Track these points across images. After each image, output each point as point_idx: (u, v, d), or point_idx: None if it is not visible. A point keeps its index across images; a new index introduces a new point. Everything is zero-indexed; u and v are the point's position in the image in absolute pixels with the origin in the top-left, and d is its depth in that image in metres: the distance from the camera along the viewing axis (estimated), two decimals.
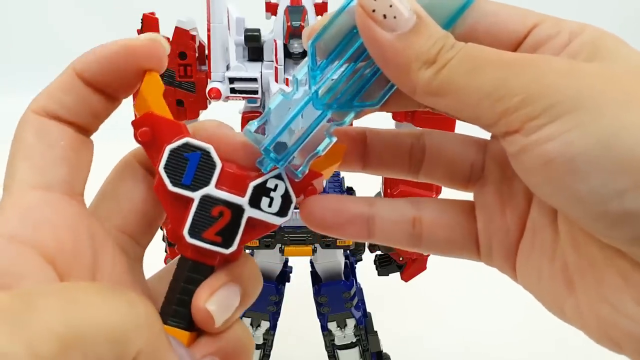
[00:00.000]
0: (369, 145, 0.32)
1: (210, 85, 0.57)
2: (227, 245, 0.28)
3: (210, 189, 0.28)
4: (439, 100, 0.25)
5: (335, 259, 0.66)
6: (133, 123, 0.28)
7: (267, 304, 0.68)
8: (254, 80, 0.57)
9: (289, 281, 0.71)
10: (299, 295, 0.72)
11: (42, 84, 0.30)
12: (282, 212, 0.29)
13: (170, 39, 0.58)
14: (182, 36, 0.57)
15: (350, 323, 0.70)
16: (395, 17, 0.25)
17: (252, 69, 0.57)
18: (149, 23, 0.57)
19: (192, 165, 0.27)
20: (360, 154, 0.32)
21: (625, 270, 0.24)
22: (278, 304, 0.70)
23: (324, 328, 0.71)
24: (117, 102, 0.31)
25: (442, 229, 0.31)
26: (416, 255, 0.65)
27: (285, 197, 0.29)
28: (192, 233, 0.28)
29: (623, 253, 0.24)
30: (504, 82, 0.24)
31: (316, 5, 0.56)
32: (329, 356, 0.73)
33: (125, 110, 0.67)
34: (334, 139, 0.29)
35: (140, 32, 0.57)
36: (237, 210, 0.28)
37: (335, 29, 0.27)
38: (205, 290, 0.28)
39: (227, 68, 0.58)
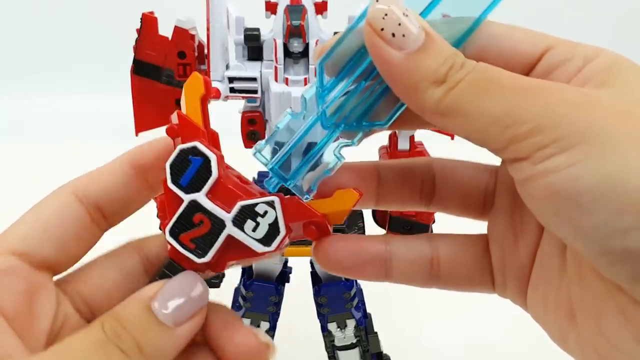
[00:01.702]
0: (381, 179, 0.32)
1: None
2: (199, 254, 0.28)
3: (199, 196, 0.28)
4: (448, 121, 0.25)
5: None
6: (169, 118, 0.29)
7: (267, 305, 0.68)
8: (254, 79, 0.56)
9: (288, 282, 0.71)
10: (298, 296, 0.71)
11: (41, 84, 0.30)
12: (266, 240, 0.28)
13: (170, 39, 0.57)
14: (181, 35, 0.57)
15: (351, 324, 0.70)
16: (404, 36, 0.25)
17: (251, 69, 0.57)
18: (148, 22, 0.57)
19: (192, 169, 0.28)
20: (373, 190, 0.32)
21: (625, 306, 0.24)
22: (278, 304, 0.69)
23: (324, 329, 0.71)
24: (152, 194, 0.32)
25: (460, 267, 0.31)
26: None
27: (273, 227, 0.28)
28: (172, 232, 0.28)
29: (624, 289, 0.23)
30: (514, 108, 0.23)
31: (316, 5, 0.55)
32: (329, 357, 0.73)
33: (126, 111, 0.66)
34: (343, 160, 0.28)
35: (139, 31, 0.57)
36: (218, 223, 0.28)
37: (343, 48, 0.27)
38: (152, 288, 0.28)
39: (227, 67, 0.58)
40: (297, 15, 0.53)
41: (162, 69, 0.57)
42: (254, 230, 0.28)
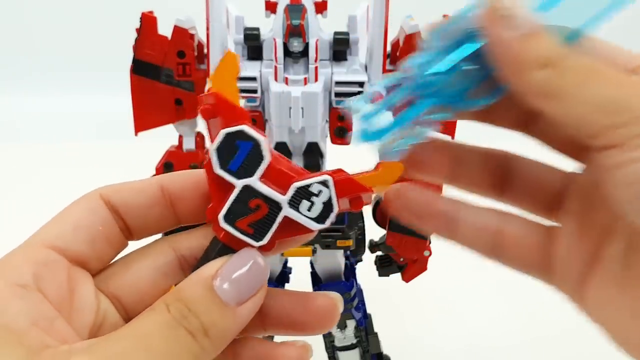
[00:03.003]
0: (457, 158, 0.33)
1: (209, 84, 0.56)
2: (257, 238, 0.28)
3: (253, 181, 0.28)
4: (547, 103, 0.26)
5: (335, 260, 0.66)
6: (199, 97, 0.29)
7: None
8: (253, 79, 0.56)
9: (288, 282, 0.71)
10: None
11: (40, 84, 0.30)
12: (320, 218, 0.29)
13: (169, 38, 0.57)
14: (180, 35, 0.57)
15: (351, 324, 0.69)
16: (519, 18, 0.26)
17: (251, 68, 0.57)
18: (148, 22, 0.57)
19: (241, 154, 0.28)
20: (445, 166, 0.33)
21: None
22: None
23: None
24: (176, 223, 0.32)
25: (523, 248, 0.32)
26: (417, 256, 0.64)
27: (327, 205, 0.28)
28: (227, 218, 0.28)
29: None
30: (618, 97, 0.25)
31: (316, 4, 0.55)
32: (329, 357, 0.73)
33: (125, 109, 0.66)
34: (430, 131, 0.29)
35: (139, 31, 0.57)
36: (275, 207, 0.28)
37: (452, 29, 0.28)
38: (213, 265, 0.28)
39: None
40: (297, 14, 0.53)
41: (162, 69, 0.57)
42: (309, 209, 0.28)
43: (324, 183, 0.28)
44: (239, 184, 0.28)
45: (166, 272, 0.31)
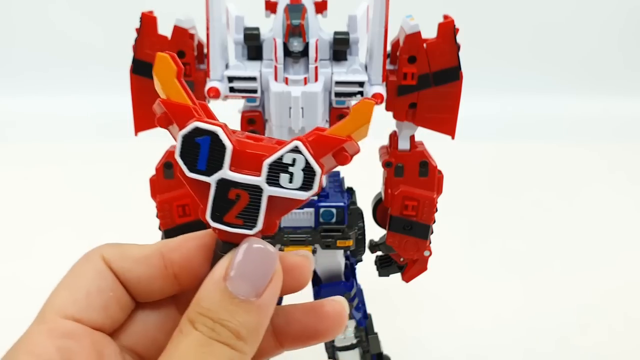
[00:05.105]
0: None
1: (209, 85, 0.56)
2: (250, 226, 0.28)
3: (224, 173, 0.27)
4: None
5: (335, 260, 0.66)
6: (152, 109, 0.29)
7: None
8: (253, 79, 0.56)
9: None
10: (298, 296, 0.71)
11: (40, 84, 0.30)
12: (305, 186, 0.28)
13: (169, 38, 0.57)
14: (180, 35, 0.57)
15: (351, 324, 0.69)
16: None
17: (251, 68, 0.57)
18: (148, 22, 0.57)
19: (204, 150, 0.27)
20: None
21: None
22: (278, 304, 0.69)
23: None
24: (180, 290, 0.32)
25: None
26: (417, 256, 0.64)
27: (308, 170, 0.27)
28: (214, 217, 0.28)
29: None
30: None
31: (316, 4, 0.55)
32: (329, 358, 0.72)
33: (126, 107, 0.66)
34: None
35: (138, 31, 0.57)
36: (255, 190, 0.28)
37: None
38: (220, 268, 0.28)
39: (226, 67, 0.58)
40: (297, 14, 0.53)
41: None
42: (290, 181, 0.27)
43: (296, 150, 0.27)
44: (212, 180, 0.28)
45: (170, 312, 0.32)
